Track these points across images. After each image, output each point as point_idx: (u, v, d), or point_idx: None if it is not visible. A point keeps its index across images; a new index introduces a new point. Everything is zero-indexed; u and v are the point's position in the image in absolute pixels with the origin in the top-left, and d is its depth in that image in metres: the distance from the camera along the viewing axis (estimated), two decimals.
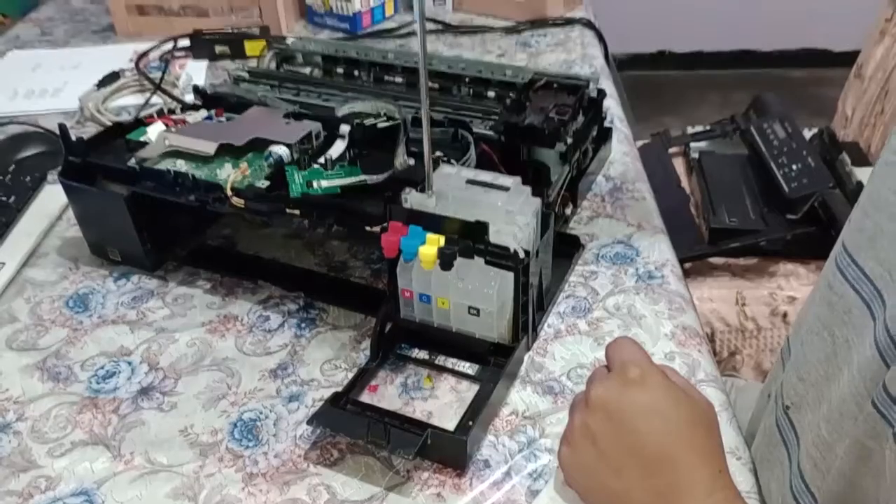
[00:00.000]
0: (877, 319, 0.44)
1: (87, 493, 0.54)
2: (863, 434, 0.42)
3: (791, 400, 0.54)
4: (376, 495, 0.53)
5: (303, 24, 1.33)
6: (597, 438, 0.47)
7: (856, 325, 0.46)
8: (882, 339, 0.42)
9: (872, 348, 0.43)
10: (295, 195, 0.64)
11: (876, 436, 0.41)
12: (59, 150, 0.81)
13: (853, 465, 0.43)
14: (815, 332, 0.51)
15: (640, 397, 0.46)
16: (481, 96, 0.83)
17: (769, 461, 0.55)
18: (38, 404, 0.61)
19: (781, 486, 0.52)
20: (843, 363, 0.47)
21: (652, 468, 0.45)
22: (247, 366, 0.64)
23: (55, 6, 1.45)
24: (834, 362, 0.48)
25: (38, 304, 0.71)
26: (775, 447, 0.55)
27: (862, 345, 0.45)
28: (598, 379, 0.49)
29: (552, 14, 1.28)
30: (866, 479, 0.42)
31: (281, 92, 0.83)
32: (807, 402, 0.51)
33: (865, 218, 0.47)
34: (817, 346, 0.51)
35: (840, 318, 0.48)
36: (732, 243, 1.14)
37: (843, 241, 0.50)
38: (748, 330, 1.10)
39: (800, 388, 0.53)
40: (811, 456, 0.49)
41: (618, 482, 0.46)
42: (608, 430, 0.46)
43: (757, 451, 0.57)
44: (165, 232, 0.74)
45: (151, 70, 1.14)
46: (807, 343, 0.52)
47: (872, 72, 1.32)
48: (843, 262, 0.49)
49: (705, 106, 2.70)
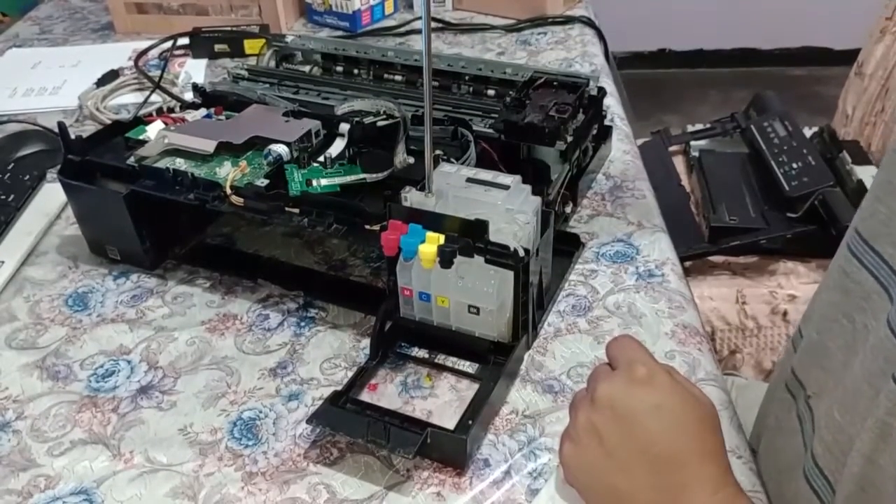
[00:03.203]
0: (894, 300, 0.44)
1: (86, 492, 0.54)
2: (884, 412, 0.42)
3: (813, 389, 0.54)
4: (376, 494, 0.53)
5: (302, 22, 1.33)
6: (603, 437, 0.46)
7: (874, 309, 0.47)
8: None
9: (886, 328, 0.43)
10: (294, 194, 0.64)
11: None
12: (58, 149, 0.81)
13: (873, 443, 0.43)
14: (832, 320, 0.52)
15: (649, 396, 0.46)
16: (481, 94, 0.83)
17: (783, 450, 0.55)
18: (37, 403, 0.61)
19: (793, 472, 0.53)
20: (861, 347, 0.48)
21: (660, 467, 0.45)
22: (246, 365, 0.64)
23: (54, 4, 1.45)
24: (853, 348, 0.49)
25: (37, 303, 0.71)
26: (790, 436, 0.55)
27: (877, 327, 0.45)
28: (602, 377, 0.48)
29: (552, 12, 1.28)
30: (885, 456, 0.42)
31: (280, 90, 0.83)
32: (827, 388, 0.52)
33: (878, 203, 0.48)
34: (836, 333, 0.51)
35: (858, 304, 0.49)
36: (733, 242, 1.13)
37: (857, 228, 0.50)
38: (748, 328, 1.10)
39: (821, 376, 0.53)
40: (823, 440, 0.49)
41: (624, 481, 0.46)
42: (615, 430, 0.46)
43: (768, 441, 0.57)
44: (165, 230, 0.74)
45: (151, 68, 1.14)
46: (824, 331, 0.53)
47: (873, 70, 1.32)
48: (858, 250, 0.49)
49: (705, 104, 2.70)
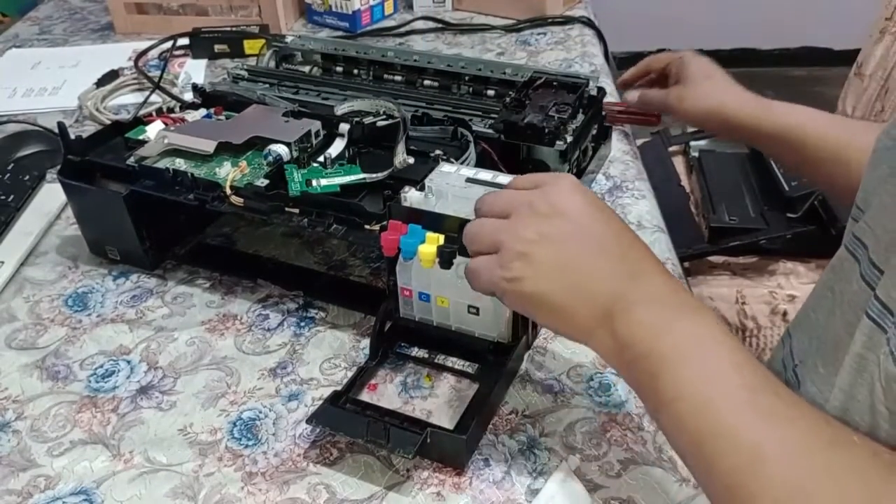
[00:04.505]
0: (861, 261, 0.47)
1: (86, 492, 0.54)
2: (860, 346, 0.44)
3: (799, 358, 0.55)
4: (376, 494, 0.53)
5: (302, 22, 1.33)
6: (560, 241, 0.47)
7: (846, 273, 0.49)
8: (867, 271, 0.46)
9: (860, 282, 0.46)
10: (294, 194, 0.64)
11: (872, 346, 0.43)
12: (57, 149, 0.81)
13: (851, 378, 0.45)
14: (821, 296, 0.54)
15: (587, 199, 0.48)
16: (481, 95, 0.83)
17: None
18: (37, 403, 0.61)
19: None
20: (838, 308, 0.49)
21: (615, 253, 0.46)
22: (246, 365, 0.64)
23: (54, 5, 1.45)
24: (833, 310, 0.51)
25: (37, 303, 0.71)
26: None
27: (849, 286, 0.48)
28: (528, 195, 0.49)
29: (552, 12, 1.28)
30: (862, 390, 0.43)
31: (280, 90, 0.83)
32: (810, 351, 0.53)
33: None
34: (824, 306, 0.53)
35: (837, 275, 0.51)
36: (732, 242, 1.13)
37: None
38: (748, 329, 1.10)
39: (805, 342, 0.55)
40: (808, 392, 0.51)
41: (583, 275, 0.46)
42: (570, 231, 0.47)
43: None
44: (164, 231, 0.74)
45: (150, 69, 1.14)
46: (817, 308, 0.55)
47: (872, 70, 1.32)
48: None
49: None
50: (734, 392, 0.41)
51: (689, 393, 0.42)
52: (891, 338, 0.41)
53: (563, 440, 0.56)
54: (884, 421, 0.41)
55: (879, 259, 0.45)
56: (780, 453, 0.38)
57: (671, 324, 0.44)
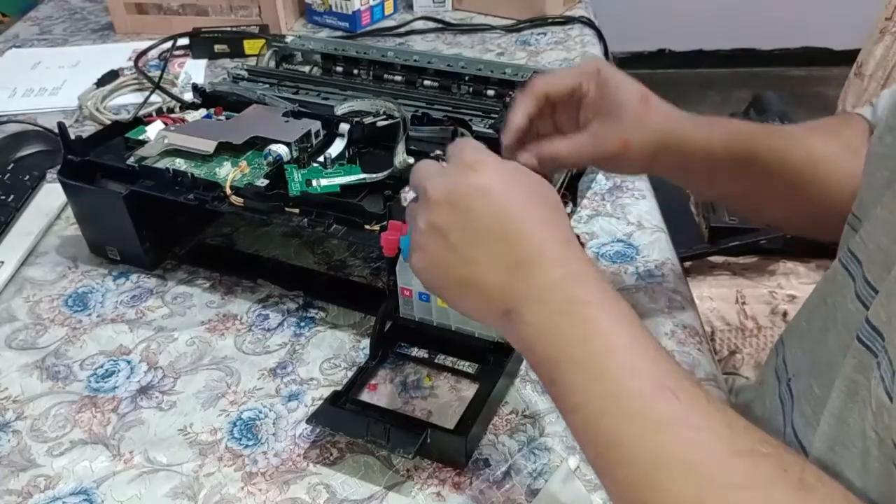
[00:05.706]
0: (856, 278, 0.46)
1: (86, 492, 0.54)
2: (851, 370, 0.43)
3: (793, 372, 0.55)
4: (376, 494, 0.53)
5: (302, 22, 1.33)
6: (445, 233, 0.44)
7: (840, 286, 0.49)
8: (862, 290, 0.45)
9: (854, 301, 0.45)
10: (294, 194, 0.64)
11: (863, 370, 0.42)
12: (58, 149, 0.81)
13: (842, 402, 0.44)
14: (815, 306, 0.53)
15: (476, 179, 0.44)
16: (481, 95, 0.83)
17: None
18: (37, 403, 0.61)
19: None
20: (832, 324, 0.49)
21: (500, 244, 0.43)
22: (246, 365, 0.64)
23: (54, 5, 1.45)
24: (827, 326, 0.50)
25: (37, 303, 0.71)
26: (772, 418, 0.56)
27: (844, 302, 0.47)
28: (432, 174, 0.46)
29: (552, 12, 1.28)
30: (853, 415, 0.42)
31: (280, 90, 0.83)
32: (804, 367, 0.53)
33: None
34: (817, 317, 0.52)
35: (831, 287, 0.51)
36: (732, 242, 1.13)
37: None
38: (748, 329, 1.09)
39: (799, 356, 0.54)
40: (804, 413, 0.50)
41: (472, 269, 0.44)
42: (454, 221, 0.44)
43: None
44: (164, 231, 0.74)
45: (150, 69, 1.14)
46: (810, 319, 0.54)
47: (872, 70, 1.32)
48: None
49: (705, 104, 2.69)
50: (629, 400, 0.39)
51: (583, 402, 0.40)
52: (881, 362, 0.39)
53: (563, 440, 0.56)
54: (874, 447, 0.40)
55: (874, 277, 0.44)
56: (676, 465, 0.37)
57: (560, 327, 0.41)
